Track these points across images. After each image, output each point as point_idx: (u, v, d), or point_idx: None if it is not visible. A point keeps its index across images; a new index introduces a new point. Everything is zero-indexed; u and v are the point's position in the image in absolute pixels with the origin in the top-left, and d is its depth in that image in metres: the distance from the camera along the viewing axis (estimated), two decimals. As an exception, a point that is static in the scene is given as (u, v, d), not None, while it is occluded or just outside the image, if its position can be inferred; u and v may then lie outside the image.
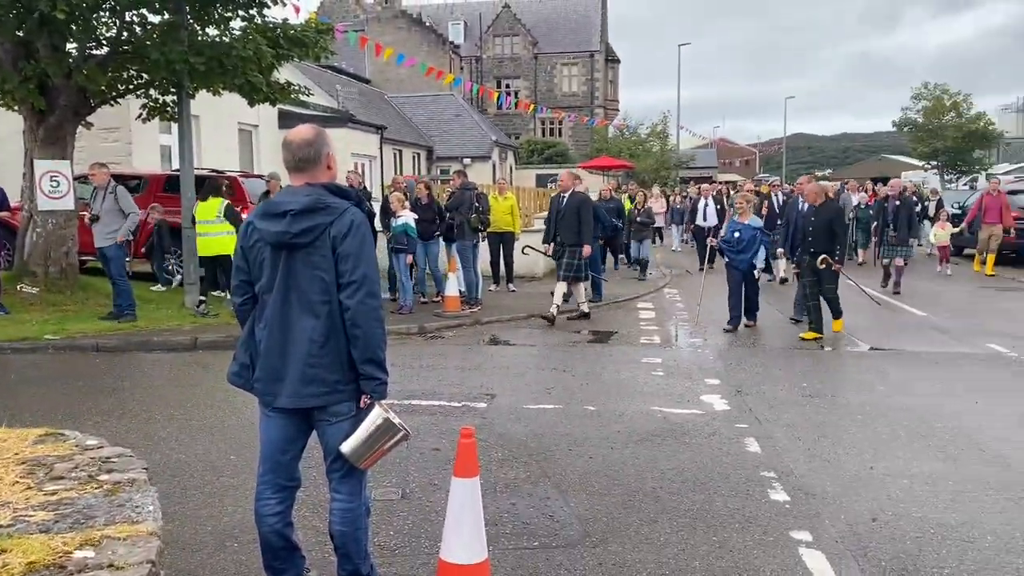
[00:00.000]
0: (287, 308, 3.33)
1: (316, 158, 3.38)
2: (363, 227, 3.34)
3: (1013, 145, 62.65)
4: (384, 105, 34.80)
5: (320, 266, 3.29)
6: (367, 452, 3.33)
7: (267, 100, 12.55)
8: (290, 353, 3.32)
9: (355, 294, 3.26)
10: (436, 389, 7.79)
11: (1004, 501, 5.01)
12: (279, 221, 3.31)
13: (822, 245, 10.11)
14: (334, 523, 3.49)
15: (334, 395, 3.33)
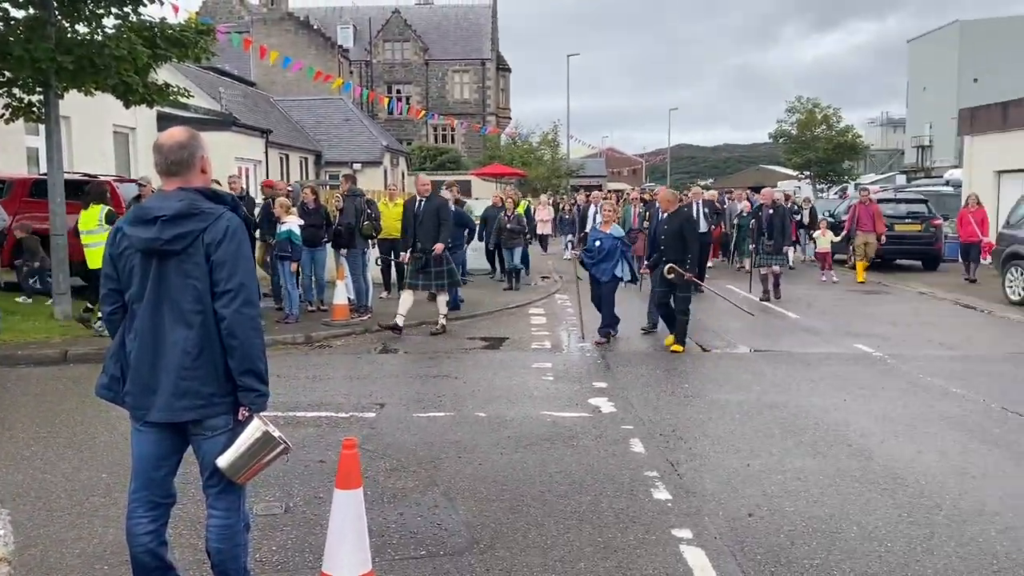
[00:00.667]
0: (159, 318, 3.21)
1: (189, 161, 3.27)
2: (239, 233, 3.23)
3: (878, 156, 66.68)
4: (270, 108, 33.96)
5: (193, 274, 3.18)
6: (245, 466, 3.23)
7: (143, 102, 12.01)
8: (162, 365, 3.20)
9: (231, 303, 3.16)
10: (323, 400, 7.64)
11: (868, 493, 5.30)
12: (149, 227, 3.18)
13: (673, 253, 9.94)
14: (211, 540, 3.37)
15: (209, 408, 3.22)
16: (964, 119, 24.79)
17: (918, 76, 64.31)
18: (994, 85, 47.86)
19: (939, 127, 55.70)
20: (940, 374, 8.69)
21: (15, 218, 12.87)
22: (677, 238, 9.95)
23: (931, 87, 60.94)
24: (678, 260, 9.88)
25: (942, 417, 7.08)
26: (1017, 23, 58.11)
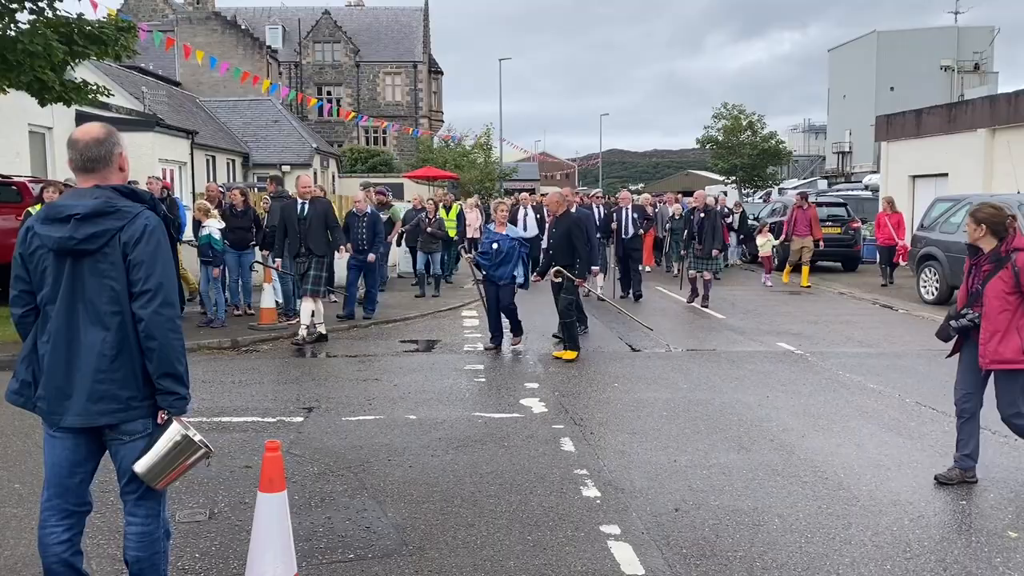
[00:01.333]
0: (73, 320, 3.11)
1: (107, 158, 3.19)
2: (157, 232, 3.15)
3: (800, 162, 68.69)
4: (196, 109, 33.17)
5: (109, 274, 3.08)
6: (164, 471, 3.15)
7: (60, 100, 11.62)
8: (77, 368, 3.10)
9: (149, 304, 3.08)
10: (249, 405, 7.50)
11: (790, 486, 5.45)
12: (62, 226, 3.07)
13: (562, 257, 9.65)
14: (129, 548, 3.28)
15: (128, 412, 3.13)
16: (881, 126, 25.75)
17: (838, 84, 66.52)
18: (910, 93, 49.87)
19: (858, 134, 57.68)
20: (858, 370, 9.00)
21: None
22: (565, 242, 9.65)
23: (850, 95, 63.09)
24: (566, 265, 9.64)
25: (860, 412, 7.32)
26: (930, 34, 60.66)
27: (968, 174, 20.63)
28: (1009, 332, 5.14)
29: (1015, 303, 5.15)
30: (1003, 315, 5.15)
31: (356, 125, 53.37)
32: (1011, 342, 5.14)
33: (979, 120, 21.13)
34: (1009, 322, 5.14)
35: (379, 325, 12.02)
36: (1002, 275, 5.16)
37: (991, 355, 5.18)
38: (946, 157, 21.90)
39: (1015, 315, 5.15)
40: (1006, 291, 5.14)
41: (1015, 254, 5.16)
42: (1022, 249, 5.16)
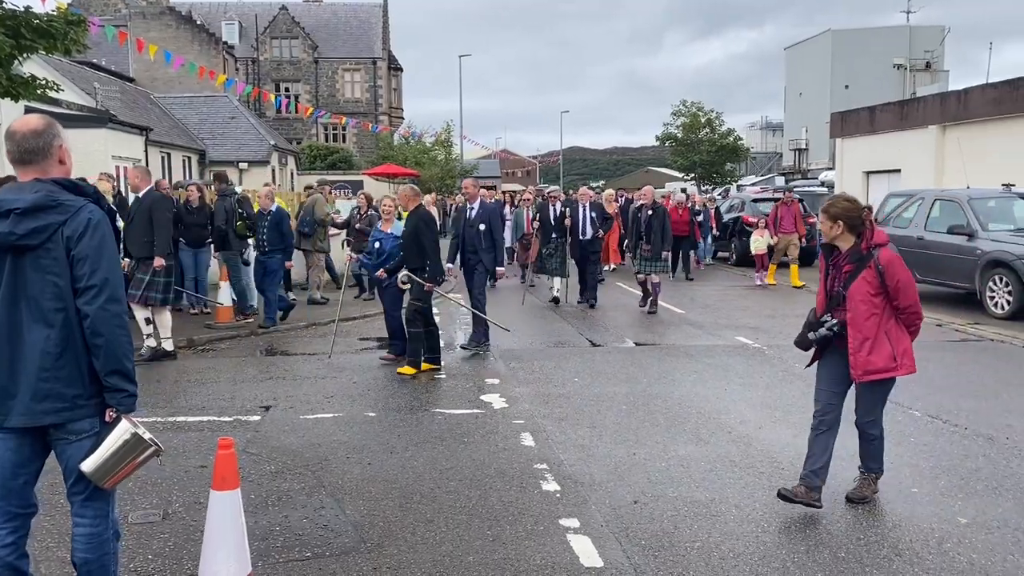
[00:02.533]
0: (15, 317, 3.02)
1: (45, 150, 3.10)
2: (102, 226, 3.08)
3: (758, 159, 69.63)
4: (150, 106, 32.55)
5: (52, 270, 3.01)
6: (112, 470, 3.08)
7: (7, 95, 11.29)
8: (21, 367, 3.01)
9: (95, 299, 3.00)
10: (205, 404, 7.38)
11: (747, 477, 5.52)
12: (2, 221, 2.98)
13: (411, 259, 8.66)
14: (78, 551, 3.20)
15: (74, 411, 3.05)
16: (835, 123, 26.20)
17: (794, 82, 67.56)
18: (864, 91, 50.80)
19: (814, 131, 58.66)
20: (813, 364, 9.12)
21: None
22: (413, 242, 8.64)
23: (806, 93, 64.12)
24: (415, 268, 8.62)
25: (815, 403, 7.42)
26: (883, 33, 61.86)
27: (920, 169, 21.08)
28: (879, 338, 4.68)
29: (882, 305, 4.69)
30: (871, 320, 4.67)
31: (315, 122, 52.90)
32: (882, 349, 4.68)
33: (930, 117, 21.60)
34: (878, 327, 4.68)
35: (342, 323, 11.91)
36: (865, 275, 4.67)
37: (863, 365, 4.70)
38: (898, 153, 22.35)
39: (883, 318, 4.70)
40: (871, 292, 4.66)
41: (876, 251, 4.69)
42: (884, 245, 4.73)
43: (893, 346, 4.70)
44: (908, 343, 4.80)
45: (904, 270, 4.68)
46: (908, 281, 4.69)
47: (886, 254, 4.68)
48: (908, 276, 4.70)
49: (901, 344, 4.74)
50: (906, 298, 4.70)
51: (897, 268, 4.65)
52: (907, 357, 4.76)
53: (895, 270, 4.64)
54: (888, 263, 4.65)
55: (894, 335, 4.72)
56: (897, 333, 4.74)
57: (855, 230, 4.76)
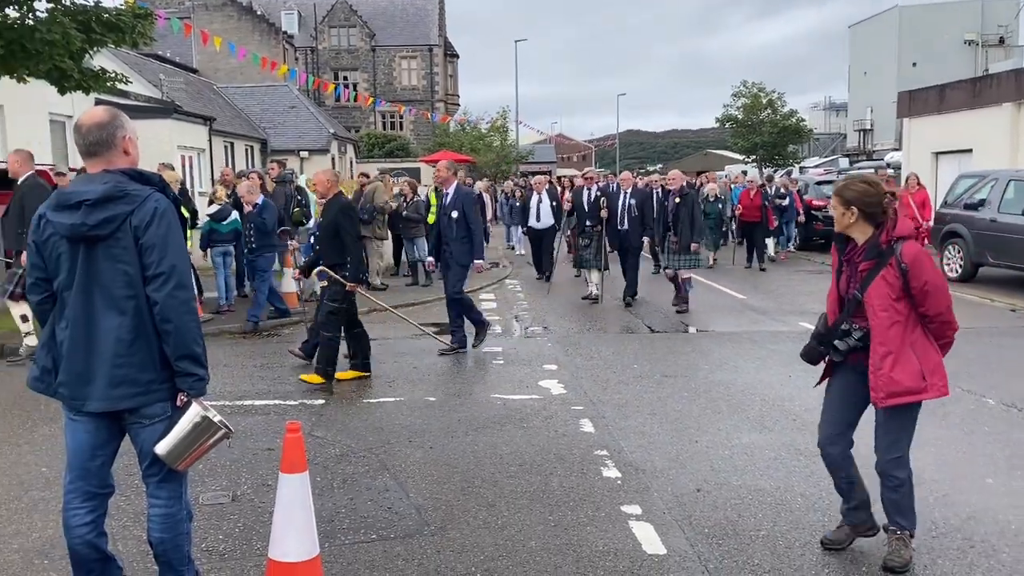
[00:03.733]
0: (90, 306, 3.12)
1: (109, 141, 3.18)
2: (168, 214, 3.14)
3: (821, 140, 68.02)
4: (214, 96, 33.25)
5: (122, 259, 3.09)
6: (184, 453, 3.17)
7: (79, 88, 11.65)
8: (96, 353, 3.11)
9: (163, 287, 3.08)
10: (271, 388, 7.54)
11: (813, 465, 5.40)
12: (73, 213, 3.07)
13: (329, 256, 7.73)
14: (153, 530, 3.30)
15: (148, 396, 3.15)
16: (903, 102, 25.39)
17: (859, 61, 65.65)
18: (932, 69, 49.13)
19: (880, 111, 56.98)
20: (881, 349, 8.90)
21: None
22: (331, 234, 7.71)
23: (872, 71, 62.26)
24: (334, 265, 7.66)
25: (883, 390, 7.24)
26: (953, 8, 59.63)
27: (993, 149, 20.30)
28: (903, 352, 3.82)
29: (905, 311, 3.84)
30: (894, 329, 3.83)
31: (373, 110, 53.34)
32: (908, 365, 3.81)
33: (1005, 94, 20.76)
34: (902, 338, 3.83)
35: (398, 308, 12.02)
36: (886, 275, 3.83)
37: (885, 386, 3.84)
38: (970, 133, 21.55)
39: (907, 327, 3.85)
40: (893, 296, 3.82)
41: (899, 245, 3.84)
42: (908, 237, 3.88)
43: (921, 362, 3.83)
44: (939, 358, 3.92)
45: (934, 270, 3.84)
46: (938, 284, 3.82)
47: (911, 249, 3.83)
48: (938, 278, 3.85)
49: (930, 359, 3.87)
50: (936, 304, 3.84)
51: (925, 267, 3.81)
52: (937, 375, 3.87)
53: (921, 270, 3.80)
54: (914, 261, 3.80)
55: (920, 348, 3.86)
56: (924, 345, 3.88)
57: (873, 219, 3.90)
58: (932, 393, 3.86)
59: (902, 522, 4.04)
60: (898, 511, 4.05)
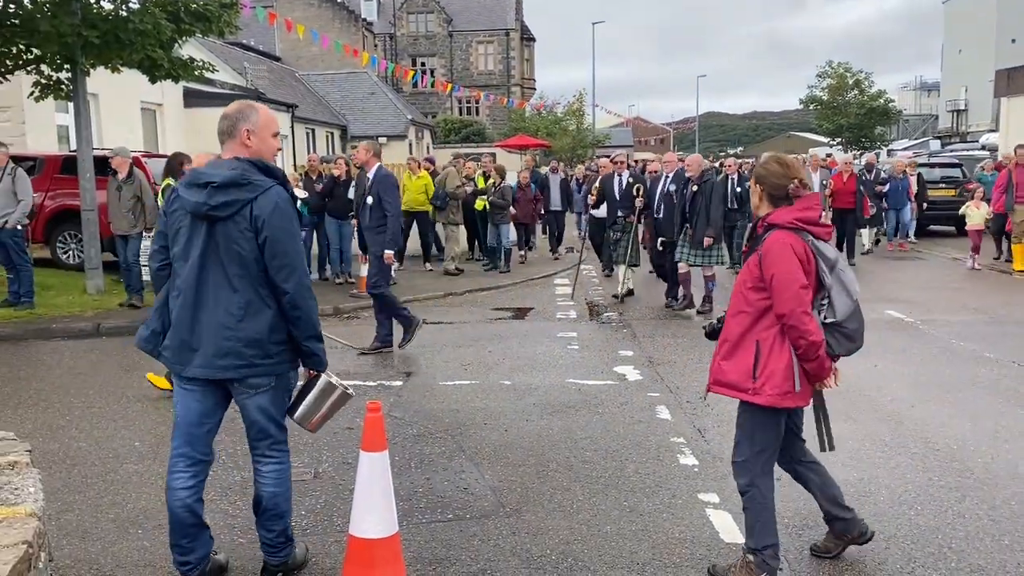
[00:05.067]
0: (204, 279, 3.36)
1: (231, 131, 3.43)
2: (288, 207, 3.39)
3: (911, 121, 65.46)
4: (295, 83, 34.02)
5: (238, 240, 3.32)
6: (313, 415, 3.60)
7: (169, 77, 12.08)
8: (203, 324, 3.36)
9: (290, 277, 3.35)
10: (352, 369, 7.70)
11: (898, 457, 5.25)
12: (200, 192, 3.33)
13: None
14: (266, 485, 3.55)
15: (250, 369, 3.38)
16: (1000, 80, 24.24)
17: (953, 38, 62.75)
18: (1033, 45, 46.61)
19: (975, 90, 54.41)
20: (972, 338, 8.56)
21: (46, 195, 13.06)
22: None
23: (967, 49, 59.45)
24: None
25: (974, 381, 6.97)
26: (1057, -19, 56.38)
27: (1098, 130, 19.21)
28: (741, 344, 3.52)
29: (759, 304, 3.48)
30: (738, 318, 3.54)
31: (449, 95, 53.68)
32: (741, 360, 3.52)
33: (1112, 71, 19.60)
34: (745, 330, 3.51)
35: (472, 293, 12.11)
36: (751, 261, 3.54)
37: (713, 372, 3.67)
38: (1074, 112, 20.43)
39: (756, 321, 3.49)
40: (749, 285, 3.52)
41: (769, 233, 3.52)
42: (780, 226, 3.48)
43: (762, 361, 3.46)
44: (786, 364, 3.46)
45: (783, 264, 3.39)
46: (783, 281, 3.38)
47: (773, 237, 3.47)
48: (787, 275, 3.38)
49: (775, 362, 3.45)
50: (779, 303, 3.40)
51: (775, 260, 3.41)
52: (773, 382, 3.45)
53: (771, 261, 3.42)
54: (768, 250, 3.45)
55: (768, 347, 3.46)
56: (775, 347, 3.46)
57: (774, 201, 3.57)
58: (759, 399, 3.48)
59: (748, 542, 3.66)
60: (746, 527, 3.71)
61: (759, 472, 3.63)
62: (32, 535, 2.29)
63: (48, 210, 13.21)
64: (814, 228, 3.50)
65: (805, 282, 3.41)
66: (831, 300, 3.49)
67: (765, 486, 3.64)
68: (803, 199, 3.55)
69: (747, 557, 3.63)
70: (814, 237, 3.49)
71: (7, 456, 2.81)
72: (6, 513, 2.40)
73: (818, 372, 3.49)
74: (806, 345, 3.40)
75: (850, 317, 3.50)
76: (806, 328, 3.37)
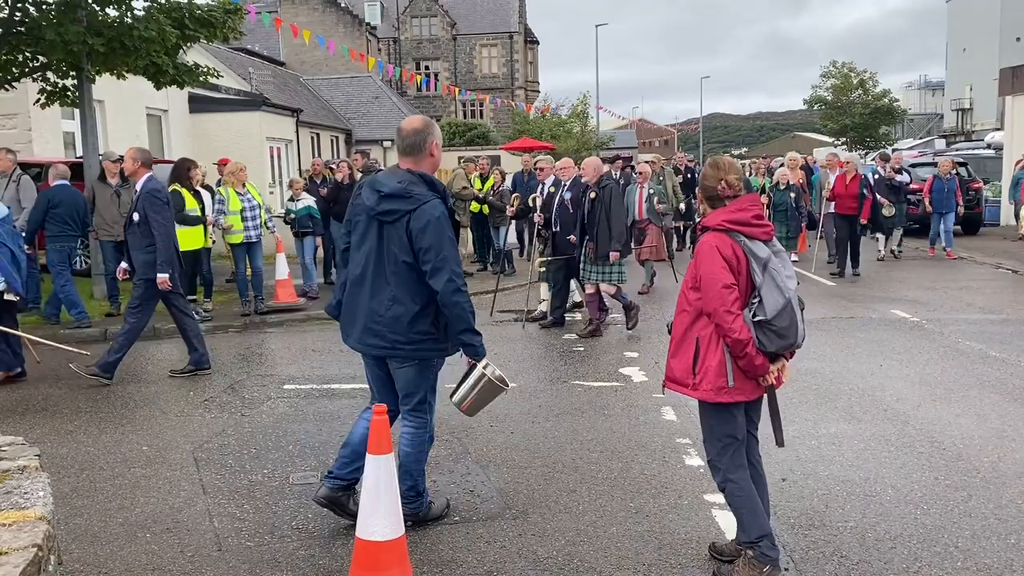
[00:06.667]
0: (366, 270, 3.99)
1: (420, 146, 3.98)
2: (443, 218, 3.88)
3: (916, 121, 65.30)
4: (300, 88, 34.07)
5: (396, 243, 3.88)
6: (465, 399, 4.08)
7: (174, 83, 12.14)
8: (361, 307, 4.01)
9: (439, 278, 3.82)
10: (357, 373, 7.67)
11: (904, 456, 5.25)
12: (373, 196, 3.94)
13: None
14: (402, 445, 4.14)
15: (392, 351, 3.97)
16: (1005, 79, 24.15)
17: (958, 37, 62.64)
18: (1037, 44, 46.50)
19: (980, 89, 54.30)
20: (979, 338, 8.54)
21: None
22: None
23: (971, 48, 59.33)
24: None
25: (980, 381, 6.96)
26: (1062, -22, 56.22)
27: (1104, 128, 19.16)
28: (684, 342, 3.66)
29: (697, 304, 3.60)
30: (680, 317, 3.69)
31: (453, 99, 53.73)
32: (683, 357, 3.66)
33: (1117, 69, 19.54)
34: (686, 328, 3.65)
35: (476, 296, 12.11)
36: (691, 263, 3.69)
37: (667, 369, 3.80)
38: (1079, 110, 20.38)
39: (695, 319, 3.62)
40: (689, 285, 3.65)
41: (702, 236, 3.66)
42: (714, 229, 3.60)
43: (701, 358, 3.59)
44: (718, 360, 3.56)
45: (707, 265, 3.53)
46: (708, 280, 3.51)
47: (704, 239, 3.61)
48: (712, 274, 3.50)
49: (710, 359, 3.57)
50: (705, 301, 3.54)
51: (703, 260, 3.56)
52: (709, 379, 3.57)
53: (699, 261, 3.58)
54: (698, 251, 3.62)
55: (706, 345, 3.59)
56: (711, 345, 3.58)
57: (710, 202, 3.70)
58: (697, 394, 3.62)
59: (740, 537, 3.70)
60: (736, 523, 3.76)
61: (729, 465, 3.71)
62: (42, 538, 2.31)
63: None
64: (745, 228, 3.56)
65: (728, 281, 3.49)
66: (762, 298, 3.50)
67: (740, 478, 3.70)
68: (737, 200, 3.64)
69: (746, 553, 3.65)
70: (747, 237, 3.55)
71: (16, 460, 2.83)
72: (16, 517, 2.43)
73: (749, 368, 3.54)
74: (731, 342, 3.51)
75: (780, 314, 3.49)
76: (729, 326, 3.48)
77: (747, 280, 3.55)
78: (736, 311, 3.48)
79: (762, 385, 3.66)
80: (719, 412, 3.69)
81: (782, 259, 3.61)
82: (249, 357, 8.54)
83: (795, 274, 3.70)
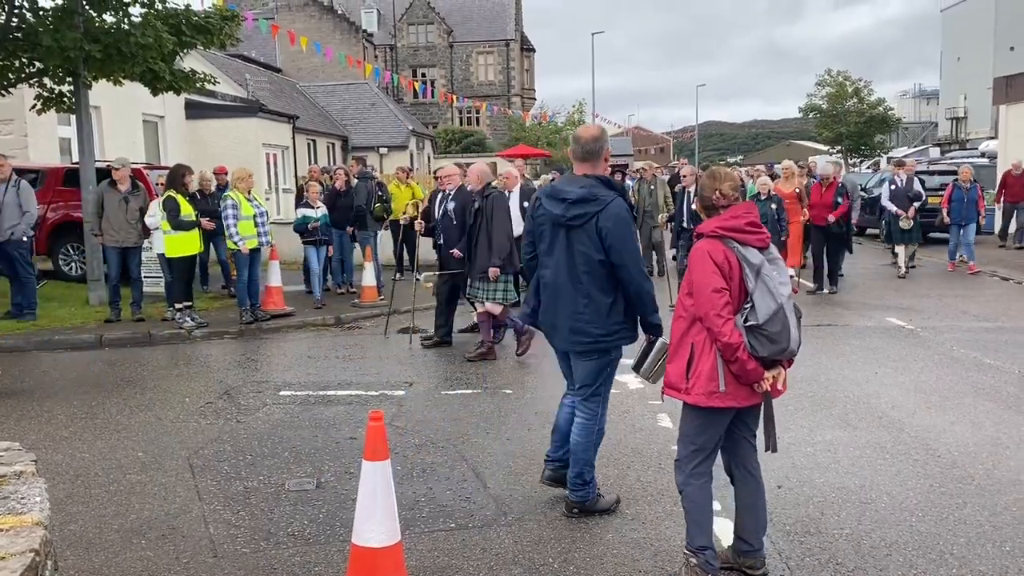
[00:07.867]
0: (560, 275, 4.30)
1: (599, 152, 4.28)
2: (626, 217, 4.22)
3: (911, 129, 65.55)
4: (296, 94, 34.09)
5: (585, 244, 4.18)
6: (652, 369, 4.22)
7: (171, 89, 12.15)
8: (560, 310, 4.33)
9: (625, 272, 4.16)
10: (353, 379, 7.72)
11: (899, 464, 5.26)
12: (559, 204, 4.23)
13: None
14: (574, 433, 4.47)
15: (595, 344, 4.27)
16: (999, 88, 24.26)
17: (952, 46, 62.94)
18: (1031, 53, 46.72)
19: (974, 97, 54.55)
20: (973, 346, 8.57)
21: (49, 207, 13.11)
22: None
23: (965, 57, 59.64)
24: None
25: (975, 389, 6.98)
26: (1055, -12, 56.54)
27: (1097, 137, 19.24)
28: (680, 347, 3.70)
29: (692, 310, 3.65)
30: (677, 323, 3.74)
31: (450, 106, 53.81)
32: (678, 362, 3.70)
33: (1111, 78, 19.64)
34: (682, 334, 3.69)
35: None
36: (687, 270, 3.78)
37: (664, 376, 3.86)
38: (1073, 119, 20.47)
39: (691, 325, 3.65)
40: (685, 291, 3.70)
41: (697, 242, 3.75)
42: (708, 235, 3.66)
43: (694, 363, 3.62)
44: (710, 365, 3.59)
45: (698, 270, 3.60)
46: (699, 285, 3.58)
47: (697, 246, 3.69)
48: (703, 280, 3.56)
49: (703, 364, 3.60)
50: (696, 306, 3.60)
51: (695, 266, 3.63)
52: (700, 384, 3.60)
53: (692, 267, 3.66)
54: (691, 257, 3.71)
55: (700, 350, 3.62)
56: (704, 349, 3.61)
57: (707, 210, 3.79)
58: (689, 398, 3.66)
59: (687, 541, 3.76)
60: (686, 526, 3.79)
61: (690, 472, 3.77)
62: (39, 543, 2.31)
63: (50, 222, 13.26)
64: (738, 235, 3.61)
65: (719, 286, 3.54)
66: (754, 303, 3.53)
67: (697, 486, 3.76)
68: (732, 208, 3.71)
69: (690, 560, 3.70)
70: (740, 243, 3.59)
71: (13, 466, 2.83)
72: (13, 522, 2.42)
73: (742, 373, 3.56)
74: (721, 346, 3.54)
75: (771, 320, 3.51)
76: (719, 330, 3.52)
77: (740, 286, 3.58)
78: (726, 315, 3.51)
79: (757, 392, 3.65)
80: (705, 418, 3.71)
81: (777, 266, 3.63)
82: (245, 363, 8.54)
83: (790, 281, 3.72)
